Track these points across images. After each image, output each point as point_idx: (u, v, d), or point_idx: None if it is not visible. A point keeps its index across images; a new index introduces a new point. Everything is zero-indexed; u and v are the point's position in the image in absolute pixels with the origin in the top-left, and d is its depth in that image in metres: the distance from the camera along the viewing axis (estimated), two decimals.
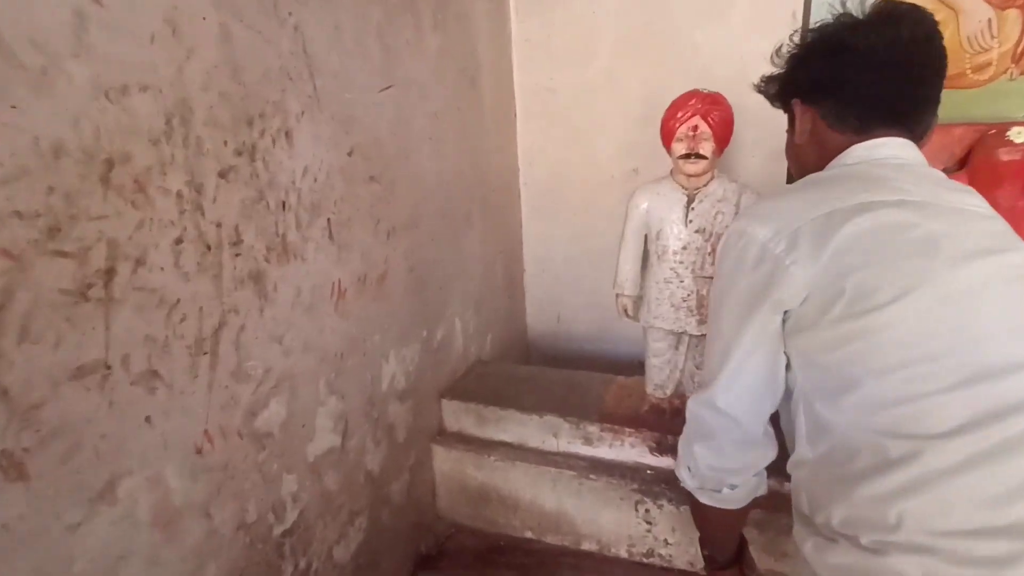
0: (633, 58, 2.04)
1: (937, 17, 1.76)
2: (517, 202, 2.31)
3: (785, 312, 0.82)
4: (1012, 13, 1.60)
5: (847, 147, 0.87)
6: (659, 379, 1.61)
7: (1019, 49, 1.62)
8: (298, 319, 1.21)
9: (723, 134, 1.39)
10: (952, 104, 1.75)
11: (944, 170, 1.38)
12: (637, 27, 2.00)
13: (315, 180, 1.23)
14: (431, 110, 1.65)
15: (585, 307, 2.34)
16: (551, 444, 1.68)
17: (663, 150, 1.52)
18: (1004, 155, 1.20)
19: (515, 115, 2.21)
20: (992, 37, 1.63)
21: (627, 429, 1.60)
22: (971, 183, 1.26)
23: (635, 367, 2.21)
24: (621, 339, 2.28)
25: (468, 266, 1.94)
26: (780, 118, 1.99)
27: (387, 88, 1.45)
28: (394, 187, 1.50)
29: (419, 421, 1.69)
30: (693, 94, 1.39)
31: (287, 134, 1.15)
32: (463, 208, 1.89)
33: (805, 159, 0.96)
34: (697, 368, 1.58)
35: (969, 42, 1.66)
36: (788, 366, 0.88)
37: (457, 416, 1.79)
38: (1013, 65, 1.64)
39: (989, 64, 1.66)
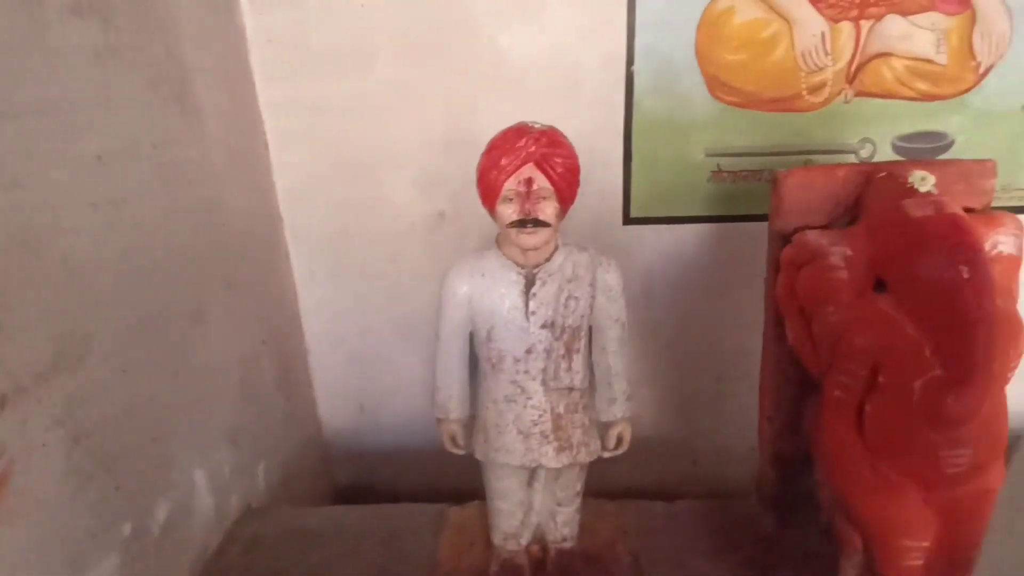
0: (424, 65, 1.53)
1: (769, 30, 1.55)
2: (285, 263, 1.67)
3: None
4: (845, 27, 1.42)
5: None
6: (510, 527, 1.15)
7: (852, 67, 1.45)
8: None
9: (568, 189, 0.96)
10: (789, 129, 1.54)
11: (827, 225, 1.12)
12: (423, 25, 1.50)
13: None
14: (91, 151, 0.96)
15: (393, 390, 1.80)
16: None
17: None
18: (915, 210, 0.95)
19: (266, 145, 1.56)
20: (826, 54, 1.44)
21: None
22: (880, 248, 0.99)
23: (468, 465, 1.74)
24: None
25: (208, 382, 1.27)
26: (609, 141, 1.65)
27: None
28: (7, 308, 0.80)
29: None
30: (521, 131, 0.93)
31: None
32: (186, 299, 1.21)
33: None
34: (559, 505, 1.14)
35: (804, 59, 1.45)
36: None
37: None
38: (847, 85, 1.47)
39: (824, 84, 1.47)
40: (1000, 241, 0.96)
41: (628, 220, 1.60)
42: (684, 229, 1.59)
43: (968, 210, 1.02)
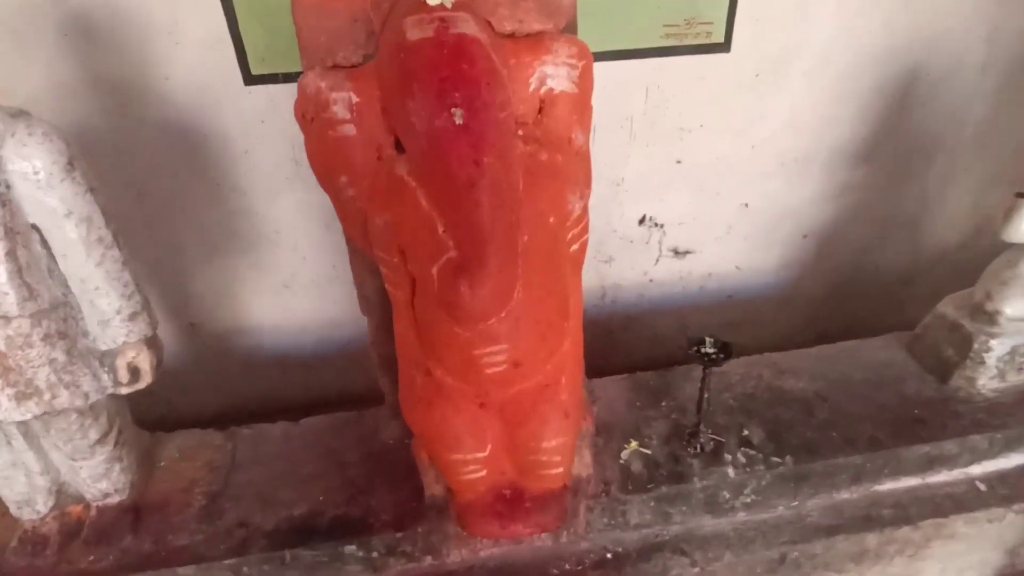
0: None
1: None
2: None
3: None
4: None
5: None
6: (15, 494, 0.88)
7: None
8: None
9: None
10: None
11: (365, 58, 0.83)
12: None
13: None
14: None
15: None
16: None
17: None
18: (414, 31, 0.68)
19: None
20: None
21: None
22: (381, 85, 0.73)
23: None
24: None
25: None
26: None
27: None
28: None
29: None
30: None
31: None
32: None
33: None
34: (73, 459, 0.88)
35: None
36: None
37: None
38: None
39: None
40: (549, 75, 0.73)
41: (250, 79, 1.24)
42: None
43: (532, 34, 0.78)
